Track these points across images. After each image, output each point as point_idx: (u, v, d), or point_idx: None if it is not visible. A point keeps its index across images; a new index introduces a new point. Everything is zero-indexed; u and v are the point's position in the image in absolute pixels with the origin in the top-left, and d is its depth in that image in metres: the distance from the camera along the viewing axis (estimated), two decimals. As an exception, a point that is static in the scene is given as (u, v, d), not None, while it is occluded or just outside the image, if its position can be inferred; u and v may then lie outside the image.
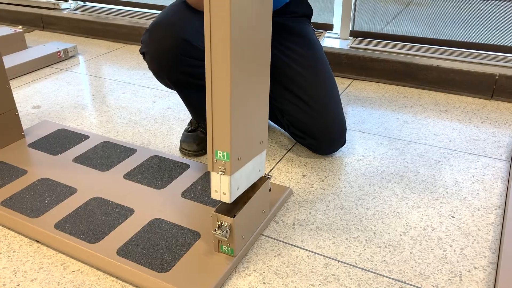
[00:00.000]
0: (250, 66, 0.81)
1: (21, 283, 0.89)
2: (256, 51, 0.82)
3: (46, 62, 2.02)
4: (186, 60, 1.14)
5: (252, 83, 0.84)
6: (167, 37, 1.11)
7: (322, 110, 1.22)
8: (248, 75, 0.81)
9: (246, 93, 0.83)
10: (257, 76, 0.85)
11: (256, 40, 0.81)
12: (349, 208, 1.09)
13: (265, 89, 0.90)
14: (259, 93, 0.88)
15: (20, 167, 1.21)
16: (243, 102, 0.83)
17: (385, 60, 1.77)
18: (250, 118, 0.87)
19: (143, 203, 1.07)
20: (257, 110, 0.89)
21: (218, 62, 0.76)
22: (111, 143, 1.33)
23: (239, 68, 0.78)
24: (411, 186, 1.17)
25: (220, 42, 0.74)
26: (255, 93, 0.87)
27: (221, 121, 0.81)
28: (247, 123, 0.86)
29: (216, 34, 0.74)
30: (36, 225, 1.00)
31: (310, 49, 1.27)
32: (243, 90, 0.81)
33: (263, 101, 0.90)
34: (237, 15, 0.74)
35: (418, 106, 1.61)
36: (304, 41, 1.28)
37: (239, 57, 0.77)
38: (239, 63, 0.78)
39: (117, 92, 1.76)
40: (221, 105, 0.79)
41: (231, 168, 0.84)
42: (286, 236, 1.01)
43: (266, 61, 0.87)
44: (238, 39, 0.76)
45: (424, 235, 1.00)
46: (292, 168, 1.25)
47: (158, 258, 0.91)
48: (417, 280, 0.89)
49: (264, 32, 0.83)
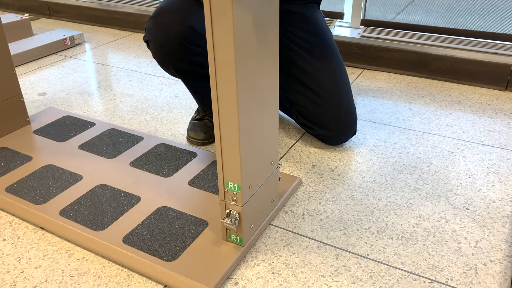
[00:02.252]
0: (257, 81, 0.78)
1: (25, 270, 0.88)
2: (264, 52, 0.79)
3: (52, 49, 1.99)
4: (191, 49, 1.10)
5: (261, 98, 0.82)
6: (172, 24, 1.08)
7: (331, 99, 1.19)
8: (255, 87, 0.79)
9: (255, 117, 0.82)
10: (266, 88, 0.83)
11: (263, 39, 0.79)
12: (360, 199, 1.06)
13: (274, 105, 0.88)
14: (269, 114, 0.87)
15: (25, 154, 1.19)
16: (253, 128, 0.82)
17: (397, 50, 1.73)
18: (261, 142, 0.86)
19: (150, 191, 1.05)
20: (267, 130, 0.88)
21: (223, 70, 0.73)
22: (117, 130, 1.31)
23: (245, 76, 0.75)
24: (423, 177, 1.14)
25: (223, 39, 0.71)
26: (265, 114, 0.85)
27: (231, 154, 0.80)
28: (257, 149, 0.85)
29: (218, 32, 0.71)
30: (41, 212, 0.98)
31: (319, 36, 1.24)
32: (251, 113, 0.80)
33: (273, 119, 0.89)
34: (239, 11, 0.71)
35: (430, 97, 1.57)
36: (313, 27, 1.24)
37: (243, 56, 0.74)
38: (244, 67, 0.75)
39: (124, 80, 1.73)
40: (230, 136, 0.79)
41: (243, 197, 0.83)
42: (295, 226, 0.98)
43: (274, 68, 0.84)
44: (242, 34, 0.73)
45: (438, 227, 0.98)
46: (301, 158, 1.23)
47: (164, 246, 0.88)
48: (430, 272, 0.86)
49: (272, 31, 0.81)
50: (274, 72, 0.85)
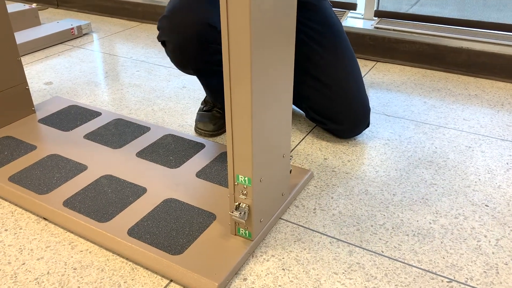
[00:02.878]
0: (272, 70, 0.74)
1: (26, 261, 0.85)
2: (280, 40, 0.75)
3: (59, 38, 1.97)
4: (210, 47, 1.05)
5: (275, 88, 0.78)
6: (189, 23, 1.01)
7: (342, 91, 1.14)
8: (271, 83, 0.75)
9: (269, 107, 0.77)
10: (280, 77, 0.78)
11: (280, 27, 0.74)
12: (374, 194, 1.02)
13: (288, 96, 0.84)
14: (282, 104, 0.83)
15: (29, 143, 1.16)
16: (266, 119, 0.78)
17: (411, 42, 1.68)
18: (273, 133, 0.82)
19: (156, 182, 1.01)
20: (280, 122, 0.84)
21: (237, 66, 0.69)
22: (123, 120, 1.28)
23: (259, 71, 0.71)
24: (440, 172, 1.10)
25: (239, 25, 0.68)
26: (278, 104, 0.81)
27: (243, 146, 0.76)
28: (269, 141, 0.81)
29: (234, 18, 0.67)
30: (44, 202, 0.95)
31: (328, 26, 1.19)
32: (264, 104, 0.76)
33: (286, 109, 0.85)
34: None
35: (446, 90, 1.52)
36: (322, 17, 1.19)
37: (259, 50, 0.70)
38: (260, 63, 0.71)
39: (131, 70, 1.70)
40: (242, 127, 0.75)
41: (253, 192, 0.80)
42: (306, 220, 0.94)
43: (290, 55, 0.80)
44: (259, 21, 0.69)
45: (456, 224, 0.93)
46: (312, 151, 1.19)
47: (171, 239, 0.85)
48: (449, 271, 0.82)
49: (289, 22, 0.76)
50: (290, 61, 0.81)
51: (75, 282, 0.80)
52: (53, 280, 0.81)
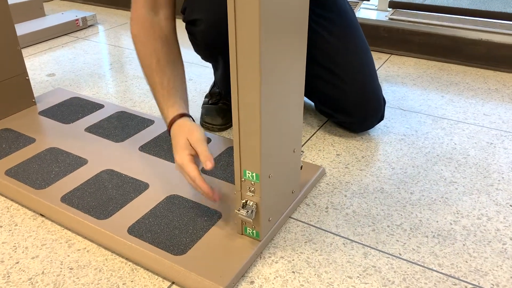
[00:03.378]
0: (283, 55, 0.68)
1: (20, 260, 0.80)
2: (290, 24, 0.69)
3: (63, 30, 1.92)
4: None
5: (286, 77, 0.72)
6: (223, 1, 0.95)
7: (354, 81, 1.08)
8: (281, 70, 0.69)
9: (279, 98, 0.72)
10: (291, 66, 0.72)
11: (291, 13, 0.68)
12: (391, 192, 0.96)
13: (300, 86, 0.78)
14: (293, 95, 0.77)
15: (28, 135, 1.11)
16: (275, 110, 0.72)
17: (427, 34, 1.61)
18: (283, 126, 0.76)
19: (159, 177, 0.96)
20: (290, 113, 0.78)
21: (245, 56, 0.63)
22: (127, 113, 1.22)
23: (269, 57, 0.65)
24: (460, 169, 1.03)
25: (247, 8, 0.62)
26: (289, 95, 0.75)
27: (250, 139, 0.70)
28: (279, 134, 0.75)
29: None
30: (41, 198, 0.90)
31: (340, 14, 1.12)
32: (274, 94, 0.70)
33: (298, 101, 0.79)
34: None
35: (464, 84, 1.45)
36: (333, 5, 1.13)
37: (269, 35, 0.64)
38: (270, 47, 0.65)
39: (136, 62, 1.64)
40: (250, 119, 0.69)
41: (261, 189, 0.74)
42: (318, 220, 0.88)
43: (302, 43, 0.74)
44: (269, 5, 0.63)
45: (479, 225, 0.87)
46: (324, 146, 1.13)
47: (173, 239, 0.80)
48: (473, 276, 0.76)
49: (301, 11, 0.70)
50: (302, 49, 0.75)
51: (70, 283, 0.75)
52: (48, 281, 0.76)
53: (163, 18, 0.94)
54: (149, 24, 0.93)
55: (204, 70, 1.56)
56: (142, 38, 0.92)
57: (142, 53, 0.92)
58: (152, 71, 0.91)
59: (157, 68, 0.90)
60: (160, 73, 0.90)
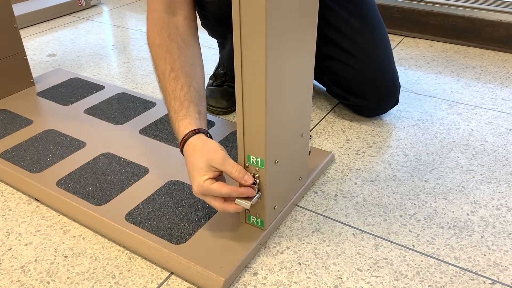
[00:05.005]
0: (291, 35, 0.62)
1: (13, 247, 0.76)
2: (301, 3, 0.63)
3: (65, 10, 1.87)
4: None
5: (294, 55, 0.66)
6: None
7: (369, 61, 1.02)
8: (290, 53, 0.63)
9: (286, 78, 0.65)
10: (300, 44, 0.66)
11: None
12: (404, 180, 0.91)
13: (309, 66, 0.73)
14: (302, 76, 0.71)
15: (25, 117, 1.07)
16: (282, 91, 0.66)
17: (443, 15, 1.53)
18: (291, 109, 0.71)
19: (160, 162, 0.92)
20: (298, 96, 0.72)
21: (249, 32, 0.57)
22: (128, 94, 1.18)
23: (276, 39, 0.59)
24: (478, 157, 0.97)
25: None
26: (298, 75, 0.70)
27: (255, 122, 0.65)
28: (286, 118, 0.70)
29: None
30: (36, 182, 0.86)
31: None
32: (281, 73, 0.64)
33: (307, 82, 0.73)
34: None
35: (481, 67, 1.38)
36: None
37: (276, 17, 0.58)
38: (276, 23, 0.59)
39: (140, 43, 1.59)
40: (255, 100, 0.63)
41: (267, 175, 0.68)
42: (326, 208, 0.84)
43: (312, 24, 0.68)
44: None
45: (498, 215, 0.82)
46: (334, 131, 1.07)
47: (173, 226, 0.76)
48: (492, 271, 0.71)
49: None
50: (312, 28, 0.69)
51: (64, 272, 0.71)
52: (41, 269, 0.72)
53: (182, 19, 0.85)
54: (165, 26, 0.83)
55: (208, 51, 1.50)
56: (156, 41, 0.82)
57: (156, 58, 0.82)
58: (165, 78, 0.79)
59: (170, 75, 0.79)
60: (173, 82, 0.78)
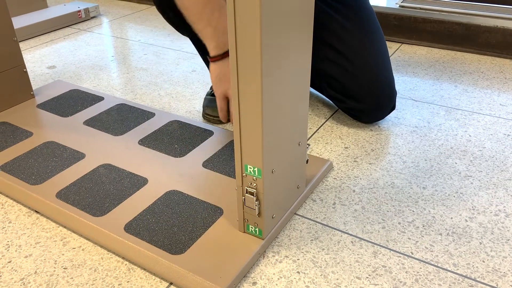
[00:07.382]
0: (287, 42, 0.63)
1: (13, 259, 0.77)
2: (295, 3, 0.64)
3: (65, 21, 1.88)
4: None
5: (291, 64, 0.66)
6: None
7: (366, 66, 1.03)
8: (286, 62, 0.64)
9: (283, 87, 0.66)
10: (297, 52, 0.67)
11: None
12: (402, 187, 0.91)
13: (305, 73, 0.73)
14: (298, 84, 0.72)
15: (25, 129, 1.08)
16: (279, 100, 0.67)
17: (439, 21, 1.54)
18: (288, 117, 0.71)
19: (159, 172, 0.92)
20: (295, 104, 0.73)
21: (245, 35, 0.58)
22: (127, 105, 1.18)
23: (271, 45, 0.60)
24: (476, 163, 0.98)
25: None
26: (294, 83, 0.70)
27: (251, 131, 0.66)
28: (283, 126, 0.71)
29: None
30: (35, 193, 0.87)
31: (356, 0, 1.07)
32: (277, 82, 0.64)
33: (303, 90, 0.74)
34: None
35: (479, 73, 1.39)
36: None
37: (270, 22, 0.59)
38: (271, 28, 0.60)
39: (139, 53, 1.61)
40: (251, 109, 0.64)
41: (264, 184, 0.69)
42: (325, 217, 0.84)
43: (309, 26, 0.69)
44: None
45: (496, 221, 0.82)
46: (332, 138, 1.08)
47: (172, 237, 0.76)
48: (491, 277, 0.71)
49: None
50: (308, 32, 0.70)
51: (64, 284, 0.72)
52: (41, 281, 0.72)
53: None
54: None
55: (208, 61, 1.51)
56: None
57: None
58: (200, 14, 0.92)
59: (205, 10, 0.91)
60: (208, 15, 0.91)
